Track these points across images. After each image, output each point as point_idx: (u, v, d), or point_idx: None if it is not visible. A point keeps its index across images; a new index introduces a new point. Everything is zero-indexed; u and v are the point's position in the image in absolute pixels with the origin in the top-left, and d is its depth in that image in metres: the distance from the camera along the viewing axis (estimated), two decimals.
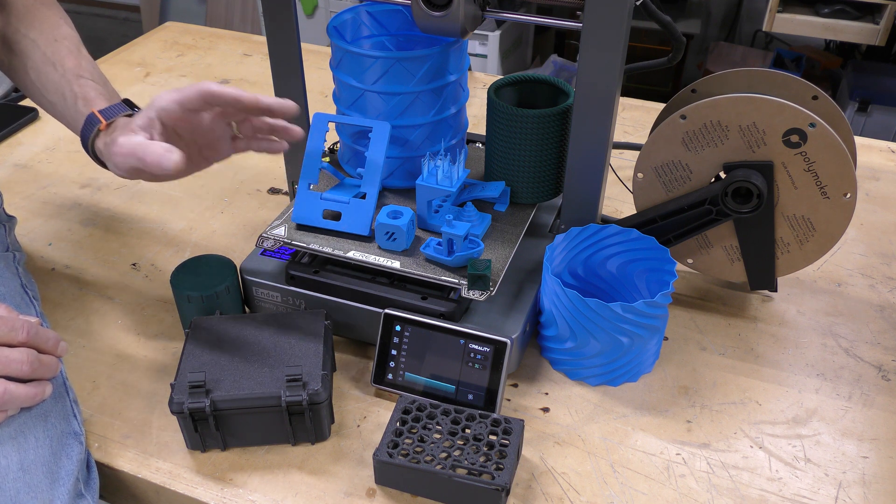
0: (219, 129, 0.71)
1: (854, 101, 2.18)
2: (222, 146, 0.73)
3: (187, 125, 0.69)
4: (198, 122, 0.69)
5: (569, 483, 0.66)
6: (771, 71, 0.76)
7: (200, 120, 0.69)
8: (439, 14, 0.71)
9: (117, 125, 0.70)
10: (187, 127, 0.69)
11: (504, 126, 0.77)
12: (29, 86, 0.78)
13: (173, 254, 0.93)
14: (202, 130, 0.70)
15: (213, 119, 0.70)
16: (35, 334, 0.65)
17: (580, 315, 0.70)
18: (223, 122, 0.71)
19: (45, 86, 0.76)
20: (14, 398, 0.62)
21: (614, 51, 0.67)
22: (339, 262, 0.76)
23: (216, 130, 0.71)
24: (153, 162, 0.63)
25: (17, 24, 0.78)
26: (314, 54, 1.36)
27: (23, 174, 1.08)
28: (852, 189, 0.73)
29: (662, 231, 0.79)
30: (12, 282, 0.77)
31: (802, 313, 0.84)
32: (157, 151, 0.63)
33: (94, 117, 0.71)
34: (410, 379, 0.72)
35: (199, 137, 0.71)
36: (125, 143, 0.65)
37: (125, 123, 0.69)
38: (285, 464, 0.68)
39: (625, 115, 1.22)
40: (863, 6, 2.05)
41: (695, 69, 2.75)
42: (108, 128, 0.70)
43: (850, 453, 0.69)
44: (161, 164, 0.63)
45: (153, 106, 0.67)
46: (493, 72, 2.51)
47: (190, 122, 0.69)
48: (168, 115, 0.67)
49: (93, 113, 0.71)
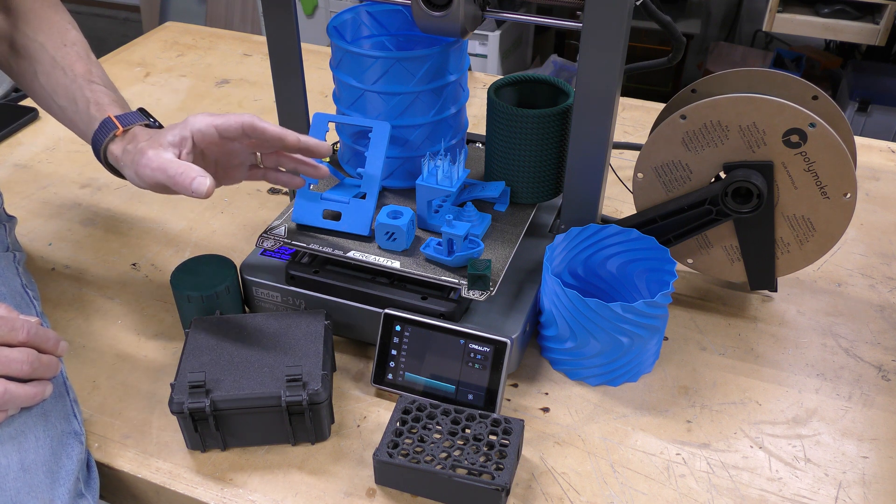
0: (244, 156, 0.73)
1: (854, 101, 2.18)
2: (239, 173, 0.74)
3: (218, 150, 0.70)
4: (229, 149, 0.70)
5: (569, 483, 0.66)
6: (771, 71, 0.76)
7: (232, 147, 0.70)
8: (439, 14, 0.71)
9: (136, 134, 0.70)
10: (217, 151, 0.70)
11: (504, 126, 0.77)
12: (38, 90, 0.78)
13: (173, 254, 0.93)
14: (228, 156, 0.72)
15: (243, 147, 0.71)
16: (35, 334, 0.65)
17: (580, 315, 0.70)
18: (250, 152, 0.73)
19: (55, 90, 0.75)
20: (14, 398, 0.62)
21: (614, 51, 0.67)
22: (339, 262, 0.76)
23: (241, 157, 0.73)
24: (184, 184, 0.63)
25: (24, 28, 0.78)
26: (314, 54, 1.36)
27: (23, 174, 1.08)
28: (852, 189, 0.73)
29: (662, 231, 0.79)
30: (13, 282, 0.77)
31: (802, 313, 0.84)
32: (190, 175, 0.63)
33: (110, 122, 0.71)
34: (410, 379, 0.72)
35: (223, 161, 0.72)
36: (155, 158, 0.65)
37: (152, 136, 0.68)
38: (285, 464, 0.68)
39: (625, 115, 1.22)
40: (863, 6, 2.05)
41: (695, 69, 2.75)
42: (123, 134, 0.70)
43: (850, 453, 0.69)
44: (192, 189, 0.63)
45: (188, 125, 0.67)
46: (493, 72, 2.51)
47: (221, 148, 0.69)
48: (203, 139, 0.67)
49: (109, 118, 0.71)
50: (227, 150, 0.71)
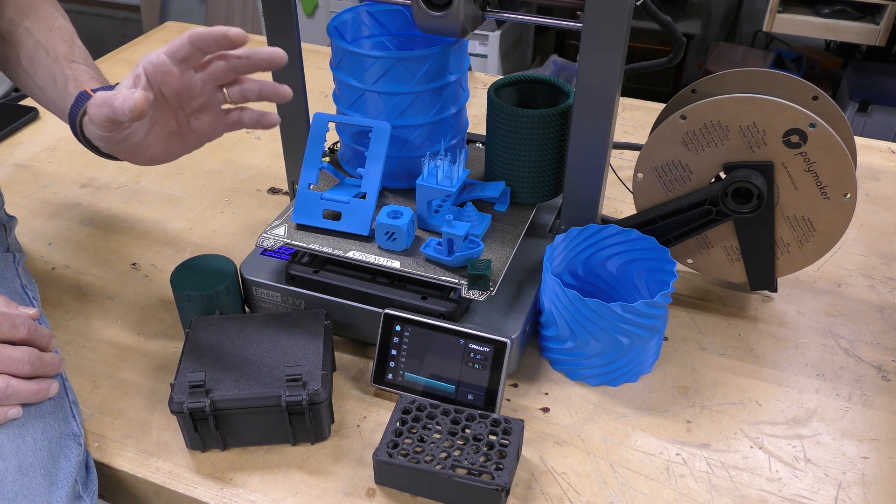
0: (209, 92, 0.67)
1: (854, 102, 2.18)
2: (212, 118, 0.69)
3: (176, 85, 0.65)
4: (187, 82, 0.65)
5: (569, 483, 0.66)
6: (771, 71, 0.76)
7: (190, 78, 0.65)
8: (439, 14, 0.71)
9: None
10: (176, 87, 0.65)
11: (504, 126, 0.77)
12: (21, 74, 0.77)
13: (173, 254, 0.93)
14: (192, 93, 0.66)
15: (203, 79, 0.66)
16: (34, 331, 0.65)
17: (580, 315, 0.70)
18: (213, 87, 0.67)
19: (36, 71, 0.74)
20: (17, 392, 0.62)
21: (614, 51, 0.67)
22: (339, 262, 0.76)
23: (205, 93, 0.67)
24: (120, 104, 0.59)
25: (11, 15, 0.77)
26: (314, 54, 1.36)
27: (23, 174, 1.08)
28: (852, 189, 0.73)
29: (662, 231, 0.79)
30: (12, 282, 0.77)
31: (802, 313, 0.84)
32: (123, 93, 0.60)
33: (85, 94, 0.69)
34: (410, 379, 0.72)
35: (188, 102, 0.67)
36: (101, 95, 0.62)
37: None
38: (285, 464, 0.68)
39: (625, 115, 1.22)
40: (863, 6, 2.05)
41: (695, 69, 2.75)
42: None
43: (850, 454, 0.69)
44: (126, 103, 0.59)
45: (140, 62, 0.63)
46: (493, 72, 2.51)
47: (179, 81, 0.64)
48: (155, 69, 0.63)
49: (84, 91, 0.69)
50: (186, 83, 0.65)
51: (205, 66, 0.66)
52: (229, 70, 0.66)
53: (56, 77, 0.73)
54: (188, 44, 0.63)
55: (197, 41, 0.63)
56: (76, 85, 0.71)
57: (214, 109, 0.69)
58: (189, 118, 0.68)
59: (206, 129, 0.69)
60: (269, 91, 0.68)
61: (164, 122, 0.67)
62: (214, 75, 0.66)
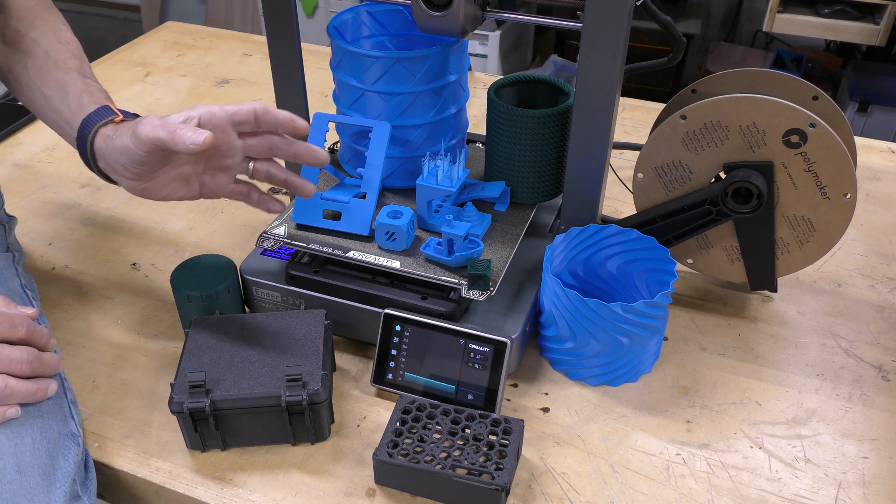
0: (237, 159, 0.70)
1: (854, 102, 2.18)
2: (225, 180, 0.72)
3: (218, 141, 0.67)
4: (228, 143, 0.68)
5: (569, 483, 0.66)
6: (771, 71, 0.76)
7: (233, 141, 0.68)
8: (439, 14, 0.71)
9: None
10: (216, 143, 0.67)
11: (504, 126, 0.77)
12: (24, 80, 0.76)
13: (173, 254, 0.93)
14: (226, 153, 0.69)
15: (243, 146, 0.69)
16: (33, 331, 0.65)
17: (580, 315, 0.70)
18: (244, 157, 0.70)
19: (44, 81, 0.75)
20: (15, 392, 0.62)
21: (614, 51, 0.67)
22: (339, 262, 0.76)
23: (234, 158, 0.70)
24: (184, 135, 0.61)
25: (16, 25, 0.77)
26: (314, 54, 1.36)
27: (23, 174, 1.08)
28: (852, 189, 0.73)
29: (662, 231, 0.79)
30: (12, 282, 0.77)
31: (802, 313, 0.84)
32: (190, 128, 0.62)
33: (108, 109, 0.70)
34: (410, 379, 0.72)
35: (214, 161, 0.70)
36: (158, 119, 0.63)
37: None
38: (285, 464, 0.68)
39: (625, 115, 1.22)
40: (863, 6, 2.05)
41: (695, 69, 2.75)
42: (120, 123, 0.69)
43: (850, 454, 0.69)
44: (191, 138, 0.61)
45: (198, 108, 0.66)
46: (493, 72, 2.51)
47: (223, 139, 0.67)
48: (211, 120, 0.65)
49: (108, 106, 0.70)
50: (226, 143, 0.68)
51: (252, 135, 0.69)
52: (272, 149, 0.70)
53: (68, 88, 0.73)
54: (252, 115, 0.66)
55: (263, 117, 0.66)
56: (92, 99, 0.72)
57: (232, 174, 0.72)
58: (205, 171, 0.71)
59: (213, 187, 0.72)
60: (293, 184, 0.72)
61: (182, 166, 0.69)
62: (256, 148, 0.70)
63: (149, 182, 0.69)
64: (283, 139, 0.70)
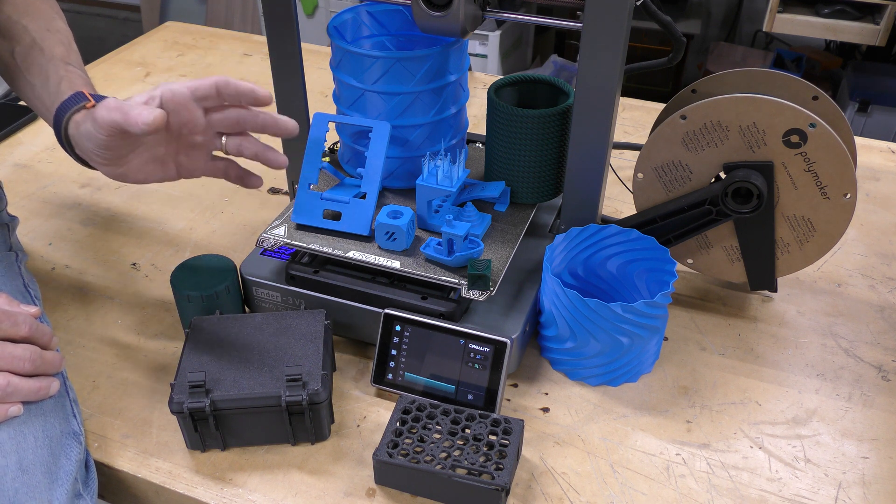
0: (208, 134, 0.69)
1: (854, 102, 2.18)
2: (200, 157, 0.71)
3: (185, 119, 0.66)
4: (195, 119, 0.67)
5: (569, 483, 0.66)
6: (771, 71, 0.76)
7: (199, 117, 0.67)
8: (439, 14, 0.71)
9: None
10: (184, 120, 0.67)
11: (504, 126, 0.77)
12: (11, 67, 0.77)
13: (173, 254, 0.93)
14: (194, 130, 0.68)
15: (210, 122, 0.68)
16: (36, 329, 0.65)
17: (580, 315, 0.70)
18: (214, 132, 0.70)
19: (29, 68, 0.75)
20: (17, 390, 0.62)
21: (614, 51, 0.67)
22: (339, 262, 0.76)
23: (204, 137, 0.69)
24: (135, 116, 0.61)
25: (8, 11, 0.77)
26: (314, 54, 1.36)
27: (23, 174, 1.08)
28: (852, 189, 0.73)
29: (662, 231, 0.79)
30: (14, 281, 0.77)
31: (802, 313, 0.84)
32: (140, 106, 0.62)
33: (82, 95, 0.69)
34: (410, 379, 0.72)
35: (184, 139, 0.69)
36: (114, 101, 0.63)
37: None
38: (285, 464, 0.68)
39: (625, 115, 1.22)
40: (863, 6, 2.05)
41: (695, 69, 2.75)
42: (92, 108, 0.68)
43: (850, 454, 0.69)
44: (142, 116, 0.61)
45: (160, 87, 0.65)
46: (493, 72, 2.51)
47: (189, 116, 0.66)
48: (173, 98, 0.65)
49: (81, 92, 0.70)
50: (190, 122, 0.67)
51: (217, 109, 0.68)
52: (239, 122, 0.69)
53: (49, 75, 0.73)
54: (213, 88, 0.66)
55: (224, 89, 0.66)
56: (70, 85, 0.71)
57: (205, 151, 0.71)
58: (179, 151, 0.71)
59: (189, 166, 0.72)
60: (264, 157, 0.71)
61: (154, 147, 0.69)
62: (223, 122, 0.69)
63: (123, 167, 0.68)
64: (248, 111, 0.69)
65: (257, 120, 0.69)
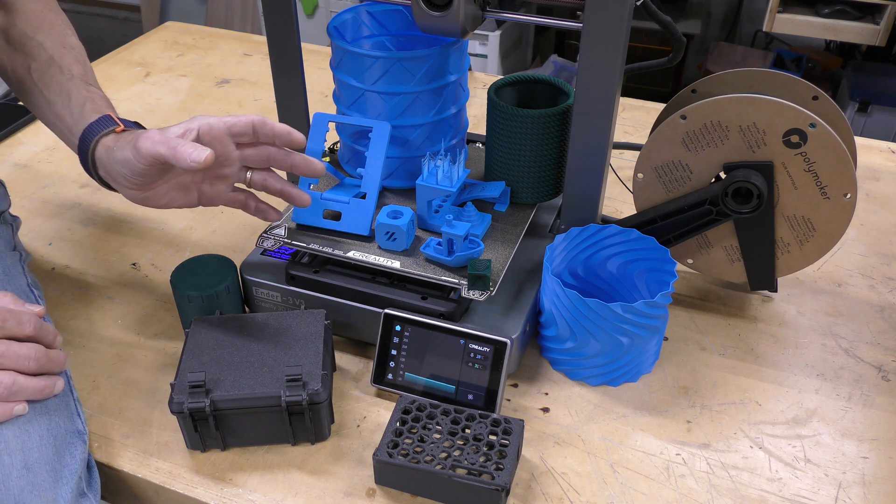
0: (234, 168, 0.71)
1: (854, 102, 2.18)
2: (223, 189, 0.73)
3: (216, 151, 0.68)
4: (226, 153, 0.69)
5: (569, 483, 0.66)
6: (771, 71, 0.76)
7: (231, 152, 0.69)
8: (439, 14, 0.71)
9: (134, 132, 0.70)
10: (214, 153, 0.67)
11: (504, 126, 0.77)
12: (27, 83, 0.77)
13: (173, 254, 0.93)
14: (224, 163, 0.70)
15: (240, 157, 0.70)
16: (41, 328, 0.65)
17: (580, 315, 0.70)
18: (242, 167, 0.72)
19: (48, 85, 0.75)
20: (23, 388, 0.62)
21: (614, 51, 0.67)
22: (339, 262, 0.76)
23: (232, 167, 0.71)
24: (185, 152, 0.62)
25: (22, 26, 0.78)
26: (314, 54, 1.36)
27: (23, 174, 1.08)
28: (852, 189, 0.73)
29: (662, 231, 0.79)
30: (19, 281, 0.77)
31: (802, 313, 0.84)
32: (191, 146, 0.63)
33: (109, 119, 0.71)
34: (410, 379, 0.72)
35: (212, 170, 0.71)
36: (158, 133, 0.65)
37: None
38: (285, 464, 0.68)
39: (625, 115, 1.22)
40: (863, 6, 2.05)
41: (695, 69, 2.75)
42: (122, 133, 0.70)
43: (850, 454, 0.69)
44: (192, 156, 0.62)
45: (195, 119, 0.67)
46: (493, 72, 2.51)
47: (221, 150, 0.68)
48: (209, 132, 0.66)
49: (110, 115, 0.71)
50: (226, 154, 0.69)
51: (250, 146, 0.70)
52: (269, 160, 0.71)
53: (71, 95, 0.74)
54: (250, 126, 0.67)
55: (261, 129, 0.68)
56: (94, 108, 0.73)
57: (229, 182, 0.73)
58: (203, 180, 0.72)
59: (211, 195, 0.73)
60: (288, 194, 0.73)
61: (181, 175, 0.70)
62: (253, 158, 0.71)
63: (149, 191, 0.70)
64: (280, 150, 0.71)
65: (287, 160, 0.71)
